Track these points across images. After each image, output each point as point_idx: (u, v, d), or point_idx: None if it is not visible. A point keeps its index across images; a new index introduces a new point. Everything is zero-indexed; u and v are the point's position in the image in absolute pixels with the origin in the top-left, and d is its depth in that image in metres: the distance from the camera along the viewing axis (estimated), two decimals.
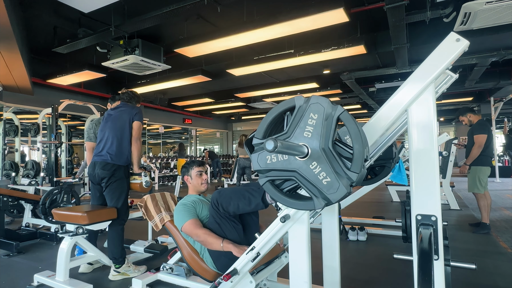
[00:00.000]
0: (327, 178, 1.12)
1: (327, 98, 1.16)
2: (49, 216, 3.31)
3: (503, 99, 8.42)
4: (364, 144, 1.10)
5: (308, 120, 1.16)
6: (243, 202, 1.65)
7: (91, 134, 2.99)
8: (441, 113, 13.27)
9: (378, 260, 2.92)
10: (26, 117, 9.45)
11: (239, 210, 1.69)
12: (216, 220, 1.78)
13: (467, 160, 3.78)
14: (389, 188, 6.00)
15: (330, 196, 1.12)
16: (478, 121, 3.91)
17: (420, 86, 1.15)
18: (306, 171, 1.15)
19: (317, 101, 1.16)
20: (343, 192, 1.10)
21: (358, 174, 1.08)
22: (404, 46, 4.88)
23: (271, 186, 1.23)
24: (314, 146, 1.14)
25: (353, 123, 1.10)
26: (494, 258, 2.88)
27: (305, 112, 1.16)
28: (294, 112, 1.19)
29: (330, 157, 1.12)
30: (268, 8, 4.43)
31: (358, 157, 1.08)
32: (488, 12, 3.42)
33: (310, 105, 1.16)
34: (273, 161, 1.21)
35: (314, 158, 1.13)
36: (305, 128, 1.16)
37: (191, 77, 6.87)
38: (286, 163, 1.18)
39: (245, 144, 1.36)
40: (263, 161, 1.23)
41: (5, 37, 3.89)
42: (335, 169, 1.11)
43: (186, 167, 2.20)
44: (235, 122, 15.84)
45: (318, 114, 1.14)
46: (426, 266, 1.00)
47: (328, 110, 1.13)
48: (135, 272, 2.58)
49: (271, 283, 2.11)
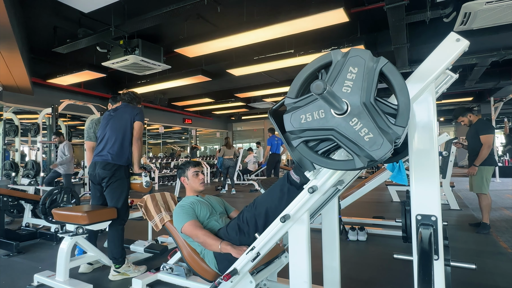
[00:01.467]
0: (369, 134, 1.04)
1: (368, 50, 1.09)
2: (49, 216, 3.31)
3: (503, 99, 8.41)
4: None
5: (347, 75, 1.08)
6: (277, 200, 1.61)
7: (91, 134, 2.99)
8: (441, 113, 13.28)
9: (378, 260, 2.92)
10: (26, 117, 9.46)
11: (278, 209, 1.53)
12: (243, 229, 1.74)
13: (477, 161, 3.69)
14: (389, 188, 6.00)
15: (373, 153, 1.03)
16: (482, 121, 3.88)
17: (420, 86, 1.15)
18: (346, 128, 1.06)
19: (357, 54, 1.08)
20: (387, 148, 1.02)
21: (405, 128, 1.01)
22: (404, 46, 4.88)
23: (306, 147, 1.14)
24: (354, 101, 1.06)
25: (398, 75, 1.03)
26: (494, 258, 2.88)
27: (344, 67, 1.09)
28: (331, 68, 1.11)
29: (372, 112, 1.04)
30: (268, 8, 4.44)
31: (404, 110, 1.01)
32: (488, 12, 3.42)
33: (349, 58, 1.08)
34: (308, 120, 1.12)
35: (354, 114, 1.05)
36: (344, 83, 1.08)
37: (191, 77, 6.87)
38: (323, 121, 1.10)
39: (270, 114, 1.28)
40: (297, 121, 1.14)
41: (5, 37, 3.89)
42: (378, 124, 1.03)
43: (182, 168, 2.19)
44: (235, 122, 15.84)
45: (359, 67, 1.07)
46: (426, 266, 1.00)
47: (370, 62, 1.06)
48: (135, 272, 2.58)
49: (271, 283, 2.11)
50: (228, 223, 1.86)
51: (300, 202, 1.38)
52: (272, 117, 1.27)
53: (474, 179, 3.76)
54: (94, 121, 3.06)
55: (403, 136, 1.06)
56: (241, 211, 1.80)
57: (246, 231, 1.70)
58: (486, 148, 3.66)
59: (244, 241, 1.70)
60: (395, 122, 1.03)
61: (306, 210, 1.38)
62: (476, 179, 3.74)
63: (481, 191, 3.71)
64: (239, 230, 1.73)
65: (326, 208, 1.79)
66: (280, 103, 1.30)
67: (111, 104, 3.05)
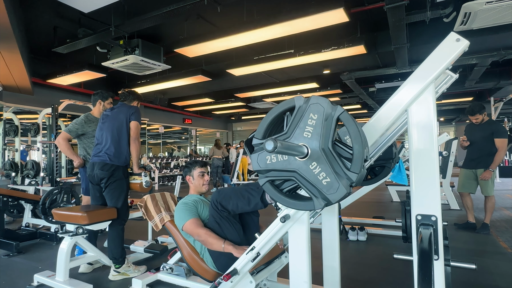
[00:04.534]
0: (327, 179, 1.12)
1: (326, 99, 1.16)
2: (49, 216, 3.31)
3: (503, 99, 8.41)
4: (364, 145, 1.10)
5: (308, 120, 1.16)
6: (242, 202, 1.65)
7: (74, 130, 2.95)
8: (441, 113, 13.28)
9: (378, 260, 2.92)
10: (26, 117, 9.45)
11: (238, 209, 1.69)
12: (216, 220, 1.78)
13: (492, 165, 3.60)
14: (389, 188, 6.00)
15: (330, 196, 1.11)
16: (498, 123, 3.78)
17: (420, 86, 1.15)
18: (306, 171, 1.15)
19: (317, 101, 1.15)
20: (342, 193, 1.09)
21: (358, 174, 1.08)
22: (404, 46, 4.88)
23: (271, 186, 1.23)
24: (314, 146, 1.14)
25: (353, 124, 1.10)
26: (494, 258, 2.88)
27: (305, 112, 1.16)
28: (294, 112, 1.19)
29: (330, 157, 1.12)
30: (268, 8, 4.44)
31: (358, 158, 1.08)
32: (488, 12, 3.42)
33: (310, 105, 1.16)
34: (273, 161, 1.20)
35: (314, 158, 1.13)
36: (305, 128, 1.16)
37: (191, 77, 6.87)
38: (286, 163, 1.18)
39: (245, 144, 1.35)
40: (263, 161, 1.22)
41: (5, 37, 3.89)
42: (335, 170, 1.11)
43: (188, 167, 2.19)
44: (235, 122, 15.84)
45: (318, 114, 1.14)
46: (426, 266, 1.00)
47: (328, 110, 1.13)
48: (135, 272, 2.58)
49: (271, 283, 2.11)
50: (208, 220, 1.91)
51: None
52: (247, 147, 1.33)
53: (484, 183, 3.68)
54: (86, 120, 3.01)
55: (361, 177, 1.12)
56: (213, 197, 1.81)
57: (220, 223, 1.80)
58: (502, 153, 3.57)
59: (226, 232, 1.79)
60: (350, 168, 1.10)
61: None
62: (486, 182, 3.67)
63: (491, 193, 3.68)
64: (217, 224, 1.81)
65: (326, 208, 1.78)
66: (252, 134, 1.34)
67: (100, 100, 3.05)
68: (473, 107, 3.76)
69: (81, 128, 2.97)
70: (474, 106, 3.76)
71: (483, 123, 3.77)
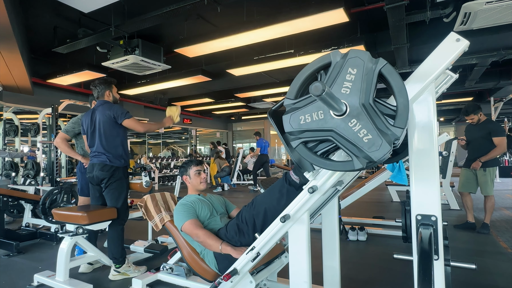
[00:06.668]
0: (368, 136, 1.04)
1: (367, 52, 1.09)
2: (49, 216, 3.31)
3: (503, 99, 8.41)
4: None
5: (346, 76, 1.08)
6: (276, 201, 1.61)
7: (71, 129, 2.96)
8: (441, 113, 13.27)
9: (378, 260, 2.92)
10: (26, 117, 9.46)
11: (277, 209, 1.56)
12: (240, 227, 1.75)
13: (483, 158, 3.64)
14: (389, 188, 6.00)
15: (372, 154, 1.03)
16: (495, 122, 3.81)
17: (420, 86, 1.15)
18: (345, 129, 1.06)
19: (356, 55, 1.08)
20: (386, 149, 1.02)
21: (403, 129, 1.02)
22: (404, 46, 4.87)
23: (305, 148, 1.14)
24: (353, 102, 1.06)
25: (397, 76, 1.04)
26: (494, 258, 2.88)
27: (343, 68, 1.09)
28: (330, 69, 1.11)
29: (371, 113, 1.05)
30: (268, 8, 4.43)
31: (403, 111, 1.01)
32: (488, 12, 3.42)
33: (348, 59, 1.08)
34: (307, 121, 1.12)
35: (353, 115, 1.06)
36: (343, 84, 1.08)
37: (191, 77, 6.87)
38: (322, 122, 1.09)
39: (269, 114, 1.28)
40: (296, 121, 1.14)
41: (5, 37, 3.89)
42: (377, 126, 1.03)
43: (184, 167, 2.19)
44: (235, 122, 15.83)
45: (358, 68, 1.07)
46: (426, 266, 1.00)
47: (369, 64, 1.06)
48: (135, 272, 2.58)
49: (271, 283, 2.11)
50: (227, 223, 1.87)
51: (300, 202, 1.38)
52: (272, 118, 1.27)
53: (484, 181, 3.71)
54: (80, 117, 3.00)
55: (402, 137, 1.05)
56: (240, 211, 1.80)
57: (245, 231, 1.70)
58: (499, 150, 3.61)
59: (243, 241, 1.71)
60: (394, 123, 1.03)
61: (306, 210, 1.38)
62: (485, 181, 3.69)
63: (490, 193, 3.69)
64: (238, 230, 1.74)
65: (326, 208, 1.79)
66: (279, 103, 1.30)
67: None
68: (467, 108, 3.85)
69: (78, 127, 2.97)
70: (468, 107, 3.84)
71: (480, 123, 3.81)
